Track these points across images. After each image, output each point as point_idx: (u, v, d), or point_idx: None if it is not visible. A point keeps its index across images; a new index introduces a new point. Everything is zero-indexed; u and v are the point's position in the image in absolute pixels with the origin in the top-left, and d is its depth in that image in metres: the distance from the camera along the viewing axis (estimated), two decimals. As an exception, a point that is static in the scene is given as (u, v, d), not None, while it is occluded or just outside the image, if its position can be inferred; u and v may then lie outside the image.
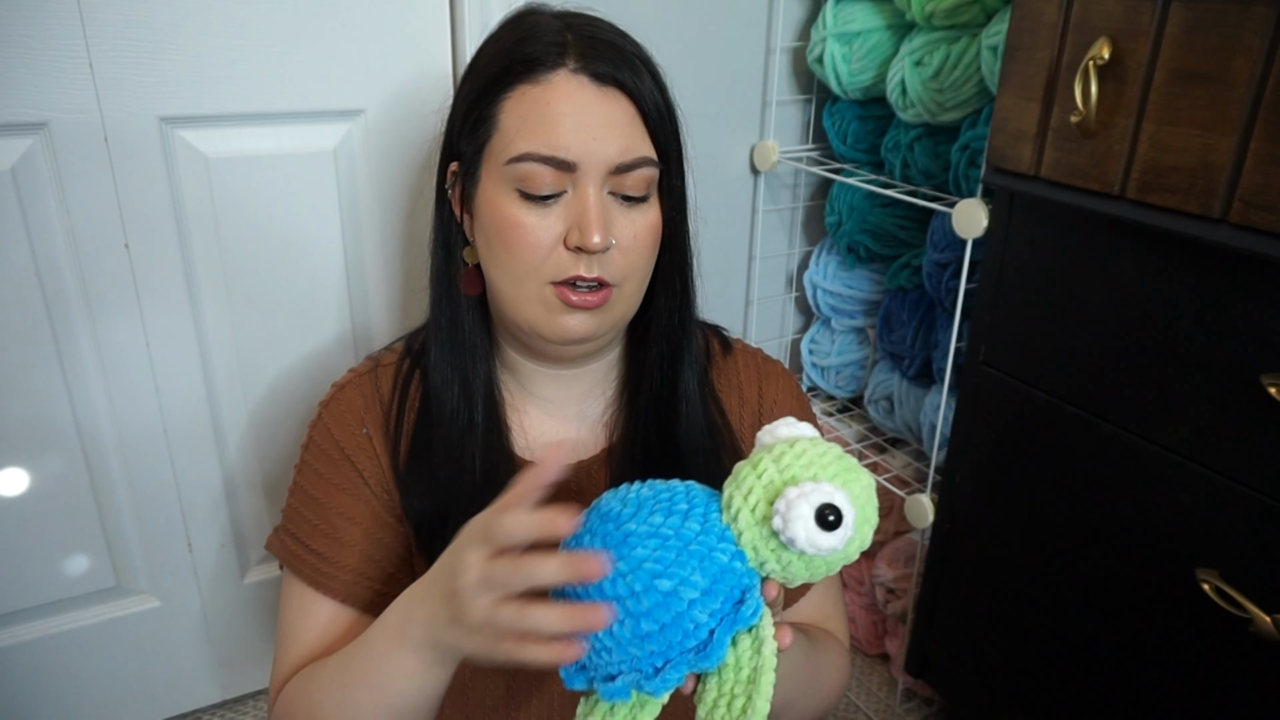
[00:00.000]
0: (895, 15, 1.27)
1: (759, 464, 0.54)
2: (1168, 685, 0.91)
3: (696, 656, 0.52)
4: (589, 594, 0.53)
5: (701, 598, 0.52)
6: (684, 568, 0.52)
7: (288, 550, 0.78)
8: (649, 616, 0.51)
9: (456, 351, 0.75)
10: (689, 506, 0.55)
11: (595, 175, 0.66)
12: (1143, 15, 0.78)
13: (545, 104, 0.65)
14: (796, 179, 1.55)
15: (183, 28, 0.99)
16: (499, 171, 0.67)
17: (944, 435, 1.23)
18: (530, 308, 0.69)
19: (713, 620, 0.52)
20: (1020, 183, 0.93)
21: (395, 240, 1.20)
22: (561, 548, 0.57)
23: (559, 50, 0.66)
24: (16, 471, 1.08)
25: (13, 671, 1.16)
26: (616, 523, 0.54)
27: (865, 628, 1.50)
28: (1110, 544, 0.94)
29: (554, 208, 0.67)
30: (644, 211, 0.69)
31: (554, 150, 0.65)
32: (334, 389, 0.81)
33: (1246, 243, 0.74)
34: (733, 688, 0.53)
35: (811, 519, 0.50)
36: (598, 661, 0.54)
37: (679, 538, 0.53)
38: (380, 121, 1.14)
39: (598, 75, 0.66)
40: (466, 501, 0.73)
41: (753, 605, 0.53)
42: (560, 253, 0.67)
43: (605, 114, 0.66)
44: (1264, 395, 0.77)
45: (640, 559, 0.52)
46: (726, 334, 0.88)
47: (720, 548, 0.53)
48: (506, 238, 0.67)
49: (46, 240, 1.00)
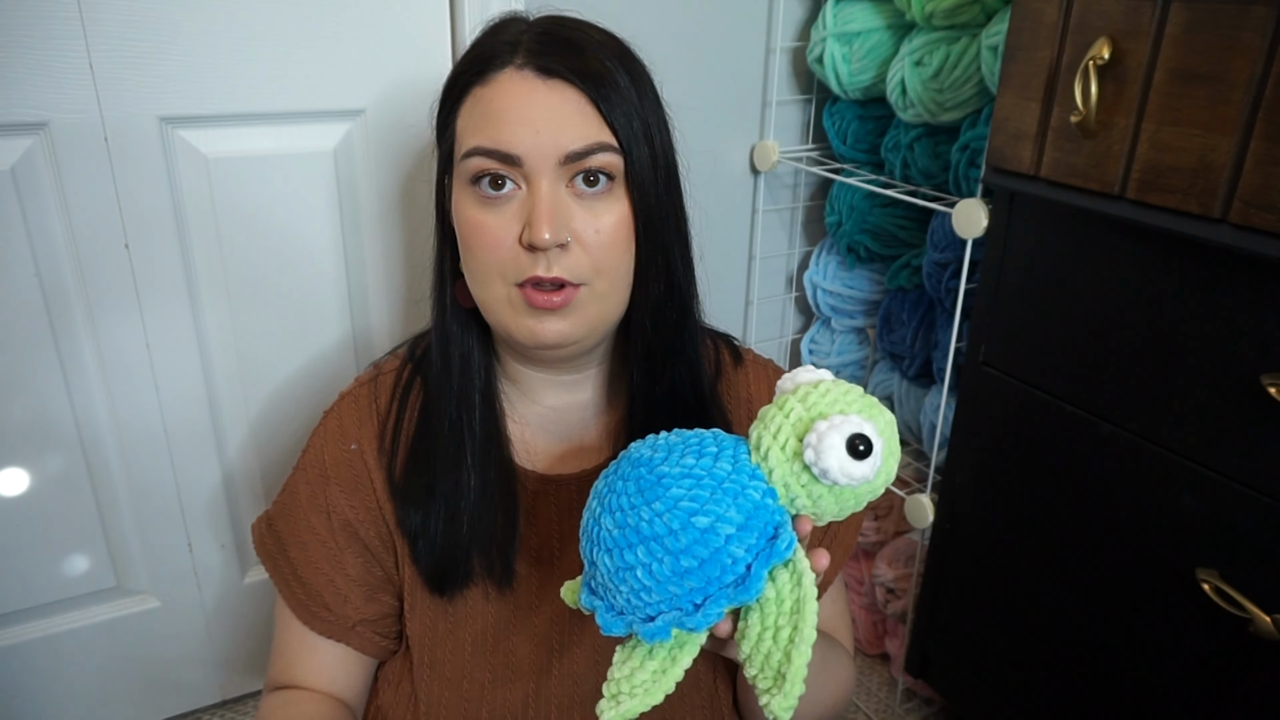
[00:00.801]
0: (895, 15, 1.27)
1: (785, 404, 0.55)
2: (1168, 685, 0.91)
3: (735, 590, 0.53)
4: (626, 535, 0.54)
5: (737, 533, 0.53)
6: (719, 504, 0.53)
7: (266, 549, 0.81)
8: (687, 553, 0.53)
9: (456, 363, 0.75)
10: (719, 449, 0.56)
11: (545, 168, 0.64)
12: (1143, 15, 0.78)
13: (489, 101, 0.65)
14: (796, 179, 1.55)
15: (183, 28, 0.99)
16: (459, 175, 0.68)
17: (944, 435, 1.23)
18: (501, 311, 0.68)
19: (749, 555, 0.53)
20: (1020, 183, 0.93)
21: (395, 240, 1.20)
22: (593, 498, 0.58)
23: (510, 49, 0.66)
24: (16, 471, 1.08)
25: (13, 671, 1.16)
26: (649, 466, 0.55)
27: (865, 628, 1.50)
28: (1110, 544, 0.94)
29: (508, 206, 0.66)
30: (608, 204, 0.67)
31: (496, 143, 0.64)
32: (338, 398, 0.81)
33: (1246, 243, 0.74)
34: (776, 619, 0.54)
35: (843, 448, 0.51)
36: (636, 603, 0.55)
37: (712, 477, 0.54)
38: (380, 121, 1.14)
39: (543, 69, 0.65)
40: (464, 514, 0.74)
41: (786, 539, 0.54)
42: (519, 253, 0.66)
43: (549, 105, 0.64)
44: (1264, 395, 0.77)
45: (676, 498, 0.53)
46: (738, 344, 0.86)
47: (752, 485, 0.54)
48: (469, 240, 0.68)
49: (46, 240, 1.00)
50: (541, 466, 0.78)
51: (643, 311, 0.72)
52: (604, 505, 0.56)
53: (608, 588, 0.56)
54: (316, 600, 0.78)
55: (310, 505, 0.78)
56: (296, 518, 0.78)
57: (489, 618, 0.78)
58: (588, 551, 0.58)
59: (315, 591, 0.78)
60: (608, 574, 0.56)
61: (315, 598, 0.78)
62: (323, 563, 0.77)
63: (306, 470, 0.79)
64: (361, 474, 0.77)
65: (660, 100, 0.71)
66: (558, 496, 0.78)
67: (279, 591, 0.80)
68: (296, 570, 0.78)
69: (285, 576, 0.79)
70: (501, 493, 0.75)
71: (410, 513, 0.75)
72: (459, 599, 0.77)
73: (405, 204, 1.19)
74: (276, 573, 0.79)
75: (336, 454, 0.77)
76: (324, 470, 0.77)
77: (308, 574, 0.78)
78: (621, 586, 0.55)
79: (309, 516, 0.78)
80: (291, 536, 0.78)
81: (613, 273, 0.68)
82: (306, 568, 0.78)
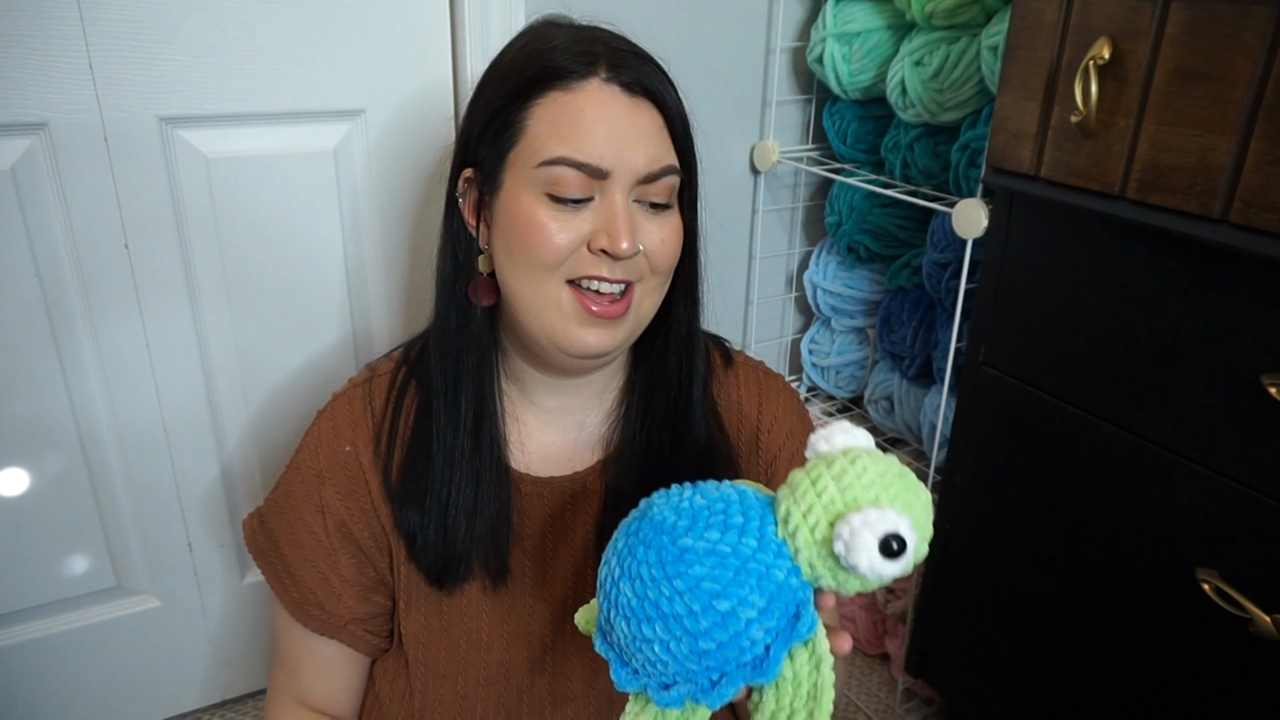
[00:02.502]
0: (895, 15, 1.27)
1: (819, 481, 0.53)
2: (1168, 685, 0.91)
3: (753, 671, 0.53)
4: (645, 608, 0.53)
5: (759, 616, 0.52)
6: (742, 586, 0.52)
7: (258, 545, 0.82)
8: (706, 635, 0.51)
9: (461, 362, 0.74)
10: (744, 520, 0.54)
11: (624, 183, 0.66)
12: (1143, 15, 0.78)
13: (579, 110, 0.66)
14: (796, 179, 1.55)
15: (183, 28, 0.99)
16: (526, 175, 0.67)
17: (944, 435, 1.23)
18: (548, 314, 0.68)
19: (769, 636, 0.52)
20: (1020, 183, 0.93)
21: (395, 240, 1.20)
22: (613, 556, 0.56)
23: (589, 60, 0.67)
24: (16, 471, 1.08)
25: (13, 671, 1.16)
26: (671, 536, 0.53)
27: (865, 628, 1.50)
28: (1110, 544, 0.94)
29: (581, 212, 0.67)
30: (668, 218, 0.70)
31: (588, 157, 0.65)
32: (331, 399, 0.81)
33: (1246, 243, 0.74)
34: (792, 702, 0.53)
35: (875, 549, 0.49)
36: (651, 670, 0.55)
37: (736, 555, 0.52)
38: (380, 121, 1.14)
39: (628, 85, 0.67)
40: (461, 513, 0.74)
41: (808, 621, 0.53)
42: (581, 253, 0.67)
43: (636, 124, 0.67)
44: (1264, 395, 0.77)
45: (698, 578, 0.52)
46: (729, 346, 0.87)
47: (777, 564, 0.53)
48: (527, 238, 0.67)
49: (46, 240, 1.00)
50: (535, 469, 0.78)
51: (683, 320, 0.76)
52: (624, 570, 0.54)
53: (624, 649, 0.56)
54: (310, 598, 0.78)
55: (305, 504, 0.78)
56: (291, 516, 0.79)
57: (483, 616, 0.78)
58: (605, 610, 0.56)
59: (309, 589, 0.78)
60: (625, 639, 0.55)
61: (309, 595, 0.78)
62: (318, 561, 0.78)
63: (300, 470, 0.79)
64: (357, 476, 0.77)
65: None
66: (551, 498, 0.78)
67: (272, 588, 0.80)
68: (290, 568, 0.78)
69: (279, 573, 0.79)
70: (497, 493, 0.76)
71: (408, 513, 0.75)
72: (454, 598, 0.78)
73: (405, 204, 1.19)
74: (269, 569, 0.80)
75: (331, 455, 0.77)
76: (319, 471, 0.78)
77: (302, 572, 0.78)
78: (637, 654, 0.54)
79: (304, 516, 0.78)
80: (286, 535, 0.79)
81: (663, 278, 0.72)
82: (301, 566, 0.78)
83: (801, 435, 0.84)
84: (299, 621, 0.79)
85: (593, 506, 0.79)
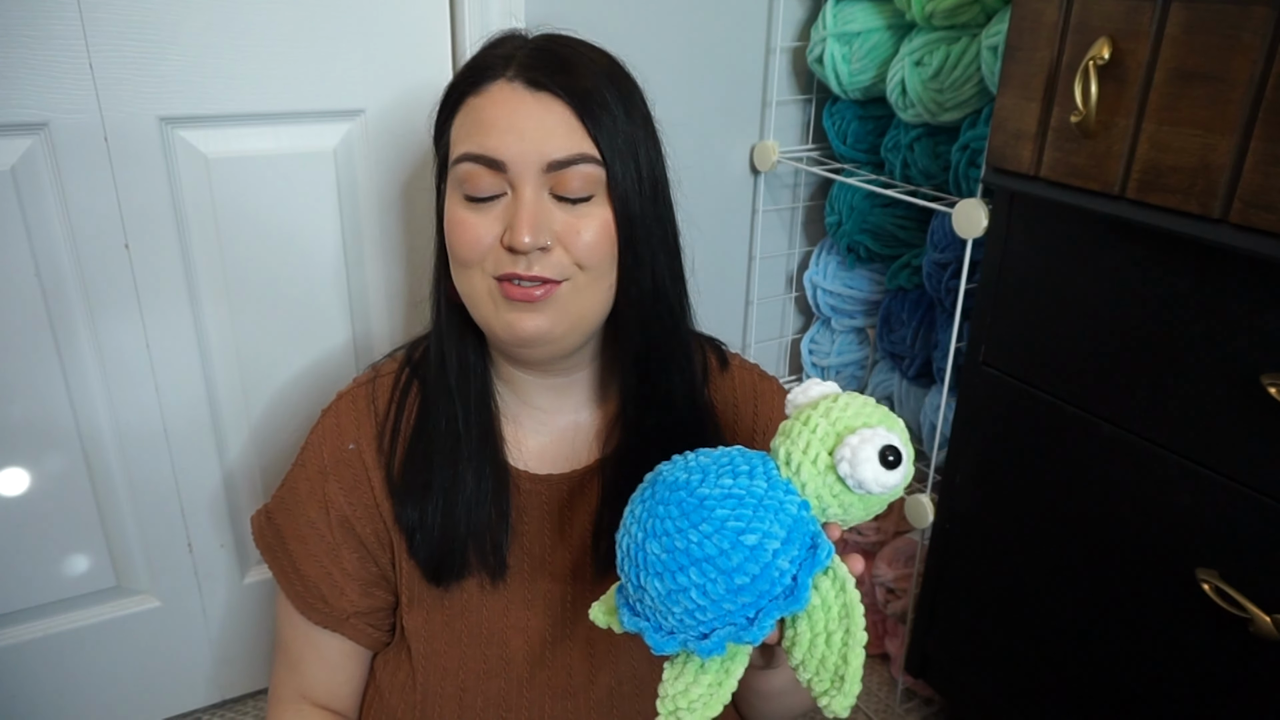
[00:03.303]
0: (895, 15, 1.27)
1: (809, 420, 0.57)
2: (1168, 685, 0.91)
3: (786, 601, 0.55)
4: (676, 558, 0.55)
5: (782, 546, 0.55)
6: (763, 521, 0.55)
7: (265, 540, 0.83)
8: (740, 570, 0.54)
9: (454, 362, 0.77)
10: (750, 467, 0.58)
11: (529, 174, 0.67)
12: (1143, 15, 0.78)
13: (480, 110, 0.69)
14: (796, 179, 1.55)
15: (183, 28, 0.99)
16: (450, 180, 0.71)
17: (944, 435, 1.23)
18: (483, 305, 0.71)
19: (793, 566, 0.56)
20: (1020, 183, 0.93)
21: (395, 240, 1.20)
22: (632, 523, 0.58)
23: (503, 62, 0.69)
24: (16, 471, 1.08)
25: (13, 671, 1.16)
26: (688, 489, 0.57)
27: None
28: (1110, 544, 0.94)
29: (493, 208, 0.69)
30: (589, 210, 0.69)
31: (484, 150, 0.67)
32: (336, 398, 0.83)
33: (1246, 243, 0.74)
34: (826, 625, 0.56)
35: (877, 461, 0.54)
36: (690, 623, 0.57)
37: (751, 495, 0.56)
38: (380, 121, 1.14)
39: (532, 81, 0.68)
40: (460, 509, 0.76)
41: (825, 549, 0.57)
42: (500, 251, 0.68)
43: (535, 115, 0.67)
44: (1264, 395, 0.77)
45: (722, 518, 0.55)
46: (725, 349, 0.88)
47: (788, 500, 0.56)
48: (452, 238, 0.70)
49: (46, 240, 1.00)
50: (533, 466, 0.80)
51: (629, 319, 0.74)
52: (647, 531, 0.57)
53: (658, 610, 0.57)
54: (313, 592, 0.80)
55: (309, 500, 0.79)
56: (295, 512, 0.80)
57: (483, 611, 0.79)
58: (633, 576, 0.58)
59: (313, 583, 0.80)
60: (659, 597, 0.57)
61: (312, 589, 0.80)
62: (321, 556, 0.79)
63: (306, 466, 0.81)
64: (359, 473, 0.78)
65: (650, 117, 0.74)
66: (549, 495, 0.80)
67: (278, 582, 0.82)
68: (295, 563, 0.80)
69: (284, 568, 0.81)
70: (495, 490, 0.77)
71: (408, 508, 0.77)
72: (455, 593, 0.79)
73: (405, 204, 1.19)
74: (275, 564, 0.82)
75: (335, 453, 0.79)
76: (323, 468, 0.79)
77: (306, 566, 0.79)
78: (675, 608, 0.56)
79: (308, 511, 0.79)
80: (291, 530, 0.80)
81: (594, 271, 0.70)
82: (305, 560, 0.79)
83: None
84: (302, 614, 0.80)
85: (591, 504, 0.80)
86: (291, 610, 0.81)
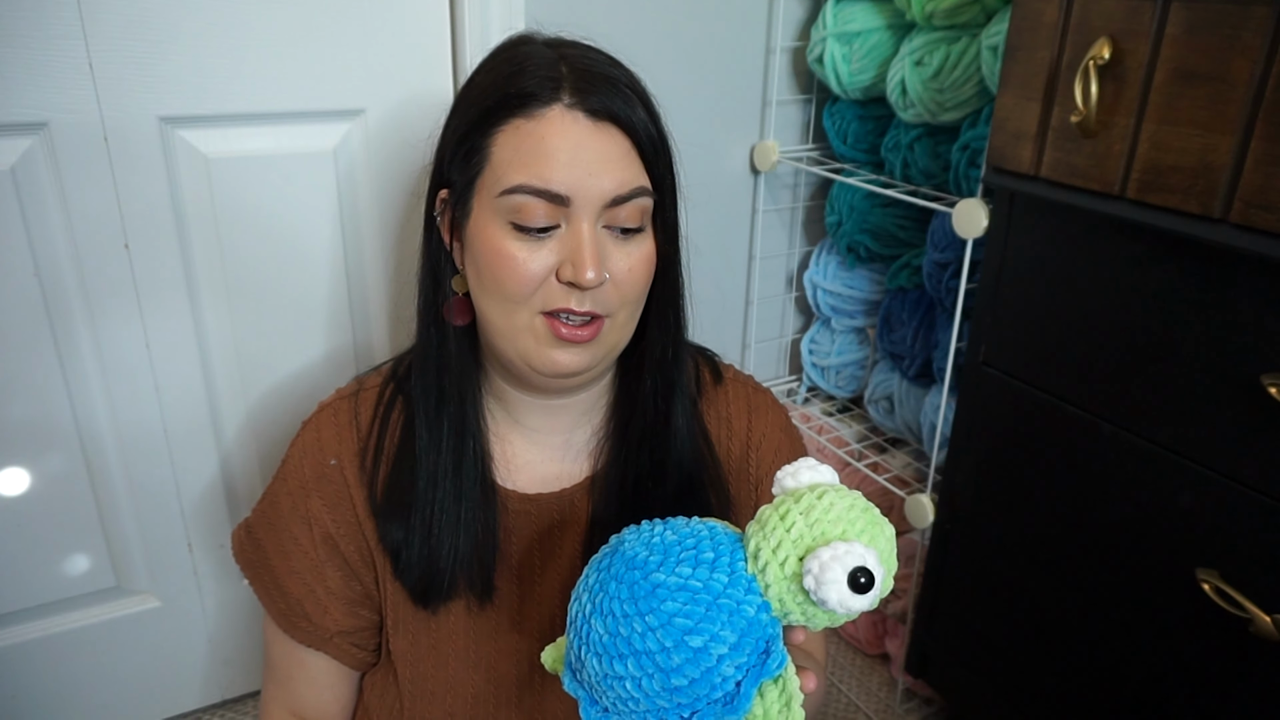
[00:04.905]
0: (895, 15, 1.27)
1: (787, 516, 0.53)
2: (1168, 685, 0.91)
3: (724, 708, 0.53)
4: (617, 644, 0.53)
5: (730, 652, 0.52)
6: (714, 623, 0.52)
7: (246, 556, 0.81)
8: (679, 672, 0.52)
9: (441, 380, 0.74)
10: (715, 555, 0.54)
11: (589, 210, 0.65)
12: (1143, 15, 0.78)
13: (540, 138, 0.65)
14: (796, 179, 1.55)
15: (183, 28, 0.99)
16: (491, 204, 0.66)
17: (944, 435, 1.23)
18: (521, 339, 0.68)
19: (739, 673, 0.53)
20: (1020, 183, 0.93)
21: (395, 240, 1.20)
22: (584, 592, 0.56)
23: (553, 84, 0.65)
24: (16, 471, 1.08)
25: (13, 671, 1.16)
26: (643, 571, 0.54)
27: (865, 628, 1.50)
28: (1110, 544, 0.94)
29: (547, 241, 0.66)
30: (639, 243, 0.69)
31: (548, 184, 0.64)
32: (316, 410, 0.81)
33: (1246, 243, 0.74)
34: None
35: (845, 583, 0.50)
36: (622, 709, 0.55)
37: (708, 590, 0.53)
38: (380, 121, 1.14)
39: (592, 110, 0.65)
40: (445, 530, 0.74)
41: (778, 657, 0.54)
42: (551, 284, 0.66)
43: (599, 149, 0.65)
44: (1264, 395, 0.77)
45: (670, 613, 0.52)
46: (718, 361, 0.86)
47: (747, 600, 0.53)
48: (496, 270, 0.67)
49: (46, 240, 1.00)
50: (523, 485, 0.78)
51: (649, 344, 0.74)
52: (596, 606, 0.55)
53: (595, 687, 0.56)
54: (296, 610, 0.78)
55: (292, 516, 0.77)
56: (278, 527, 0.78)
57: (470, 634, 0.78)
58: (575, 646, 0.56)
59: (296, 601, 0.78)
60: (596, 676, 0.55)
61: (295, 607, 0.78)
62: (305, 573, 0.78)
63: (287, 480, 0.79)
64: (341, 490, 0.77)
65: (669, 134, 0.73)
66: (538, 515, 0.78)
67: (260, 598, 0.80)
68: (278, 579, 0.78)
69: (266, 585, 0.79)
70: (482, 510, 0.75)
71: (392, 529, 0.75)
72: (441, 615, 0.77)
73: (405, 204, 1.19)
74: (257, 580, 0.80)
75: (316, 468, 0.77)
76: (304, 483, 0.77)
77: (289, 583, 0.78)
78: (609, 691, 0.54)
79: (291, 527, 0.78)
80: (273, 545, 0.78)
81: (633, 306, 0.70)
82: (289, 577, 0.78)
83: (788, 453, 0.83)
84: (286, 633, 0.79)
85: (580, 523, 0.78)
86: (278, 632, 0.79)
